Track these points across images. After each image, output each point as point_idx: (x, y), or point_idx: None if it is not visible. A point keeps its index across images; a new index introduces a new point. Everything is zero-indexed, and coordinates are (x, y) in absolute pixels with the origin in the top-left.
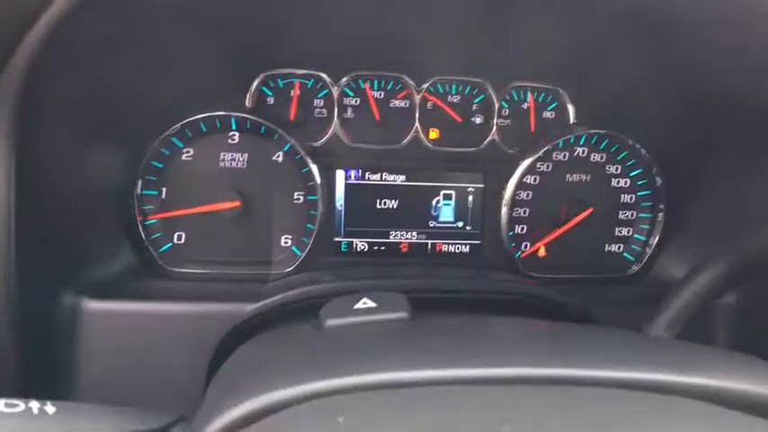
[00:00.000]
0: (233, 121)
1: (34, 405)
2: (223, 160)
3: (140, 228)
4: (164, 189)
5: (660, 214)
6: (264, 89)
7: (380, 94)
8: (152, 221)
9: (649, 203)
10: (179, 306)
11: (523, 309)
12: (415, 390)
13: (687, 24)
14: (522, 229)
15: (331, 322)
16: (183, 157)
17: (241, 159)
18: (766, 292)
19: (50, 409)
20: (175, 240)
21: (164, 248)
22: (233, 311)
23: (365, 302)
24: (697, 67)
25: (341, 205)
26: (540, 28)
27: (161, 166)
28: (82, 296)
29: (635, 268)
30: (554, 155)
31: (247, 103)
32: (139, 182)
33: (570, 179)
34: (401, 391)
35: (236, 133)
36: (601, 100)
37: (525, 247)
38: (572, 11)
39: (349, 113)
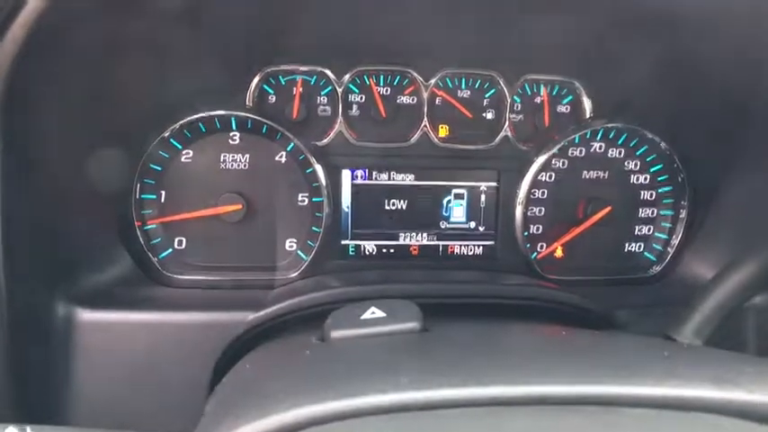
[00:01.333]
0: (233, 120)
1: (12, 430)
2: (224, 162)
3: (139, 233)
4: (163, 192)
5: (683, 211)
6: (265, 87)
7: (386, 90)
8: (151, 226)
9: (671, 200)
10: (179, 315)
11: (543, 314)
12: (431, 413)
13: (692, 21)
14: (538, 228)
15: (336, 334)
16: (182, 158)
17: (242, 160)
18: None
19: None
20: (176, 246)
21: (163, 254)
22: (236, 320)
23: (373, 312)
24: (708, 62)
25: (347, 207)
26: (552, 18)
27: (159, 168)
28: (76, 306)
29: (657, 269)
30: (570, 151)
31: (248, 101)
32: (137, 185)
33: (587, 176)
34: (414, 414)
35: (237, 133)
36: (618, 92)
37: (541, 247)
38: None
39: (354, 111)
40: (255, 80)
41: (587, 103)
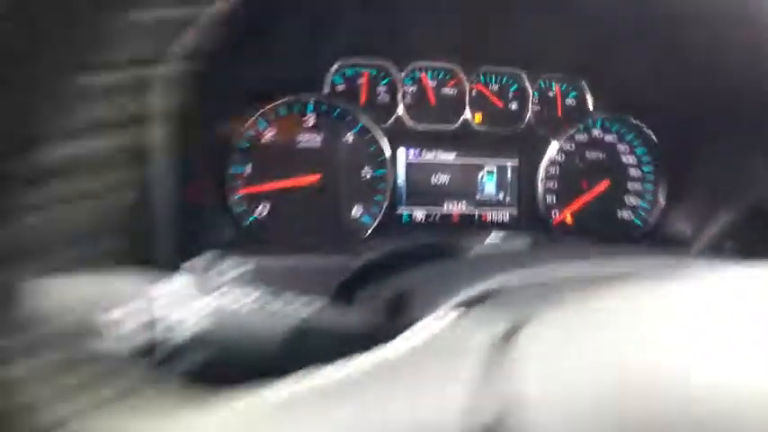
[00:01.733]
0: (311, 105)
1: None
2: (300, 141)
3: (229, 202)
4: (248, 167)
5: (661, 186)
6: (336, 77)
7: (434, 83)
8: (238, 196)
9: (653, 177)
10: (292, 260)
11: None
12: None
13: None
14: (553, 199)
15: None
16: (266, 137)
17: (317, 139)
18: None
19: None
20: (259, 214)
21: (249, 220)
22: (342, 262)
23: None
24: (696, 62)
25: (403, 180)
26: (563, 26)
27: (246, 145)
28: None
29: (643, 231)
30: (576, 136)
31: (324, 88)
32: (229, 161)
33: (590, 157)
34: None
35: (313, 116)
36: (614, 89)
37: (555, 214)
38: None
39: (409, 99)
40: (332, 70)
41: (590, 99)
